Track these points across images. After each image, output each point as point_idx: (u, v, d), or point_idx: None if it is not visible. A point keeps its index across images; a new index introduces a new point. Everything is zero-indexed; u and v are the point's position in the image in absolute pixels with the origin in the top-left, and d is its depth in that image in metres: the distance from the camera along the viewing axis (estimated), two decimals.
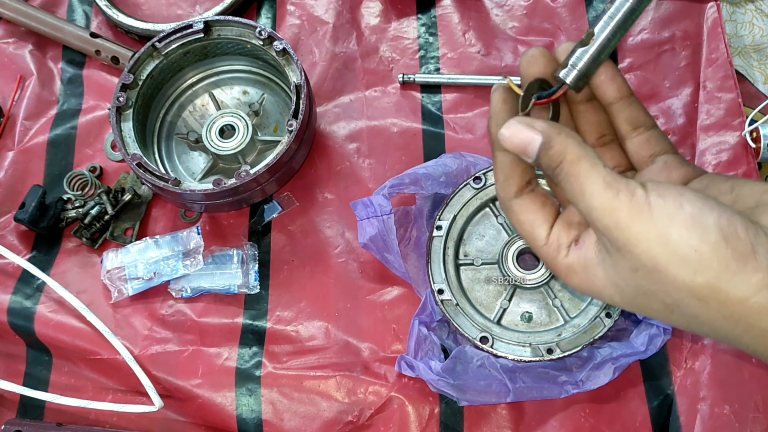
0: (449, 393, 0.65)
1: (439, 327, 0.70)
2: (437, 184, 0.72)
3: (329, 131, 0.81)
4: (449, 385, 0.64)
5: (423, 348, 0.68)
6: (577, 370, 0.65)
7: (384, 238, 0.69)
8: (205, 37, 0.76)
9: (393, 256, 0.70)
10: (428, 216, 0.74)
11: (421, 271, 0.72)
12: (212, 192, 0.69)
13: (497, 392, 0.64)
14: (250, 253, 0.75)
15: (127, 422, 0.71)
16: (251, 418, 0.69)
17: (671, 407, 0.65)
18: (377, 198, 0.71)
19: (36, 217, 0.75)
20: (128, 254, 0.75)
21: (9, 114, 0.85)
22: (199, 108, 0.82)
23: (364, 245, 0.70)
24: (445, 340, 0.69)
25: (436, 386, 0.65)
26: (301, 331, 0.72)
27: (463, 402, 0.65)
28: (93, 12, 0.91)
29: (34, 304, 0.74)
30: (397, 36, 0.85)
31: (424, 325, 0.68)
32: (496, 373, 0.64)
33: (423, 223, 0.74)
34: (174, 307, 0.74)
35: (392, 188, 0.71)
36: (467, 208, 0.72)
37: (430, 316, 0.69)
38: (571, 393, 0.64)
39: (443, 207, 0.72)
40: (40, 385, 0.73)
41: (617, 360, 0.64)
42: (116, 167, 0.81)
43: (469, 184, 0.72)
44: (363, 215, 0.70)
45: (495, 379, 0.64)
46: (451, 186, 0.72)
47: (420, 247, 0.73)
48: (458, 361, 0.65)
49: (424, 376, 0.65)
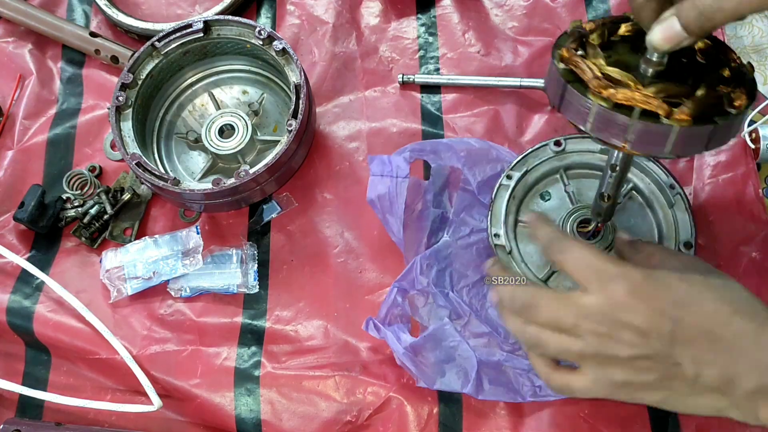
0: (410, 369, 0.65)
1: (417, 296, 0.70)
2: (456, 157, 0.72)
3: (329, 131, 0.81)
4: (412, 361, 0.65)
5: (393, 314, 0.68)
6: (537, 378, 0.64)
7: (392, 200, 0.70)
8: (204, 36, 0.76)
9: (395, 219, 0.70)
10: (437, 193, 0.74)
11: (416, 243, 0.72)
12: (211, 192, 0.69)
13: (457, 380, 0.65)
14: (250, 253, 0.75)
15: (125, 422, 0.71)
16: (250, 418, 0.69)
17: None
18: (397, 159, 0.71)
19: (35, 217, 0.75)
20: (127, 254, 0.75)
21: (8, 113, 0.85)
22: (198, 107, 0.82)
23: (370, 201, 0.71)
24: (420, 310, 0.69)
25: (400, 358, 0.66)
26: (300, 330, 0.72)
27: (420, 383, 0.65)
28: (92, 11, 0.91)
29: (33, 303, 0.74)
30: (396, 36, 0.85)
31: (402, 293, 0.69)
32: (463, 360, 0.65)
33: (430, 199, 0.74)
34: (173, 307, 0.74)
35: (413, 152, 0.72)
36: (540, 168, 0.71)
37: (411, 284, 0.69)
38: (528, 400, 0.64)
39: (518, 159, 0.71)
40: (39, 385, 0.73)
41: None
42: (115, 167, 0.81)
43: (549, 146, 0.71)
44: (377, 171, 0.71)
45: (460, 366, 0.65)
46: (470, 165, 0.72)
47: (421, 221, 0.73)
48: (431, 338, 0.65)
49: (390, 344, 0.66)
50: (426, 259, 0.70)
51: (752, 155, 0.73)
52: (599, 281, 0.50)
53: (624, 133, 0.46)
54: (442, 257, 0.71)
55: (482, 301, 0.70)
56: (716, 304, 0.48)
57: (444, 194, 0.74)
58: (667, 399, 0.50)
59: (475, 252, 0.71)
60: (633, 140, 0.46)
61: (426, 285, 0.69)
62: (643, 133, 0.45)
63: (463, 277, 0.71)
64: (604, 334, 0.49)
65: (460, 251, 0.71)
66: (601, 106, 0.46)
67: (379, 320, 0.68)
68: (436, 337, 0.65)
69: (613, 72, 0.46)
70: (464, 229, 0.72)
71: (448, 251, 0.71)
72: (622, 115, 0.45)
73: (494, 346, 0.68)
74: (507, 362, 0.65)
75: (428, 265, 0.70)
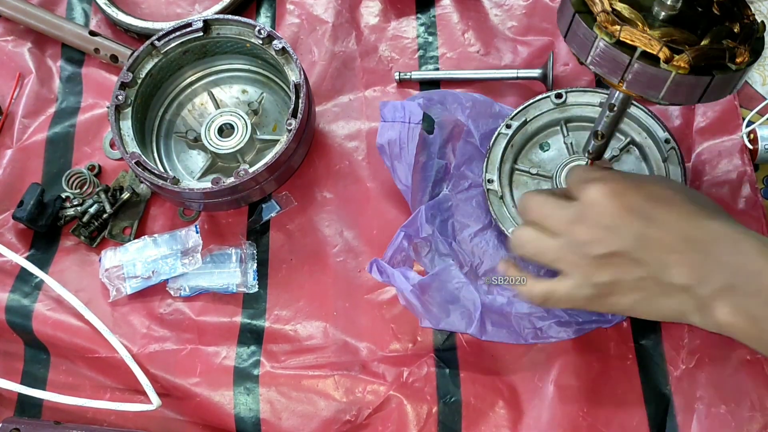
0: (416, 307, 0.65)
1: (421, 244, 0.71)
2: (462, 108, 0.73)
3: (328, 130, 0.81)
4: (419, 299, 0.65)
5: (398, 258, 0.69)
6: (540, 321, 0.66)
7: (402, 146, 0.71)
8: (204, 35, 0.76)
9: (404, 165, 0.71)
10: (441, 146, 0.75)
11: (420, 192, 0.73)
12: (211, 191, 0.69)
13: (461, 321, 0.65)
14: (249, 252, 0.75)
15: (125, 421, 0.71)
16: (249, 417, 0.69)
17: (668, 407, 0.65)
18: (411, 104, 0.72)
19: (34, 216, 0.75)
20: (126, 253, 0.75)
21: (8, 112, 0.85)
22: (198, 107, 0.82)
23: (380, 146, 0.72)
24: (423, 257, 0.71)
25: (407, 296, 0.66)
26: (299, 330, 0.72)
27: (425, 322, 0.66)
28: (92, 10, 0.91)
29: (32, 302, 0.74)
30: (396, 35, 0.85)
31: (407, 238, 0.69)
32: (467, 302, 0.66)
33: (435, 151, 0.75)
34: (172, 306, 0.74)
35: (424, 100, 0.72)
36: (540, 119, 0.73)
37: (416, 232, 0.70)
38: (529, 342, 0.66)
39: (518, 110, 0.73)
40: (38, 384, 0.72)
41: (581, 323, 0.65)
42: (115, 166, 0.81)
43: (550, 98, 0.73)
44: (389, 117, 0.72)
45: (464, 307, 0.66)
46: (474, 117, 0.73)
47: (425, 171, 0.74)
48: (437, 278, 0.66)
49: (396, 283, 0.66)
50: (430, 209, 0.71)
51: (750, 156, 0.73)
52: (581, 186, 0.54)
53: (622, 72, 0.47)
54: (444, 208, 0.72)
55: (484, 249, 0.72)
56: (693, 206, 0.51)
57: (448, 146, 0.75)
58: (637, 303, 0.52)
59: (475, 204, 0.73)
60: (629, 80, 0.47)
61: (431, 233, 0.70)
62: (640, 75, 0.46)
63: (464, 227, 0.73)
64: (579, 234, 0.52)
65: (461, 204, 0.73)
66: (604, 41, 0.46)
67: (385, 261, 0.68)
68: (442, 277, 0.66)
69: (623, 9, 0.47)
70: (464, 183, 0.74)
71: (448, 204, 0.73)
72: (623, 53, 0.46)
73: (494, 293, 0.69)
74: (508, 306, 0.66)
75: (432, 214, 0.71)
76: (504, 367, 0.69)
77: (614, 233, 0.50)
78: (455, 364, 0.69)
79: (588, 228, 0.52)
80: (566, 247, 0.53)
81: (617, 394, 0.66)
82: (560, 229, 0.54)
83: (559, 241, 0.54)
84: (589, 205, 0.52)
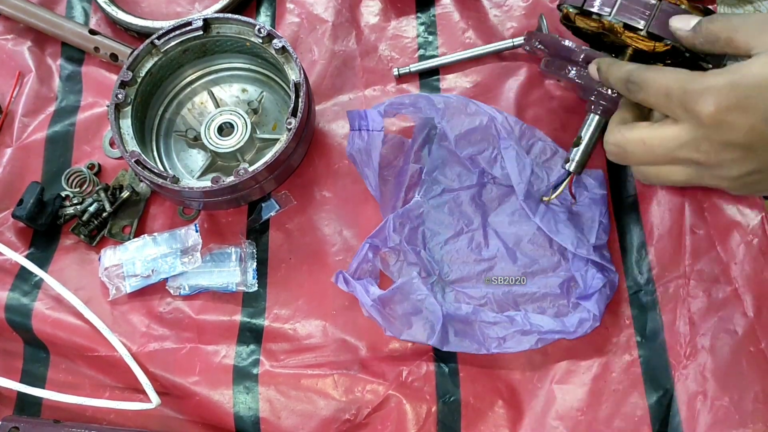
0: (378, 320, 0.66)
1: (389, 254, 0.71)
2: (434, 110, 0.72)
3: (328, 129, 0.81)
4: (379, 312, 0.66)
5: (363, 269, 0.70)
6: (503, 330, 0.66)
7: (369, 153, 0.71)
8: (204, 34, 0.76)
9: (371, 172, 0.72)
10: (418, 149, 0.75)
11: (393, 199, 0.73)
12: (210, 189, 0.69)
13: (422, 332, 0.66)
14: (248, 251, 0.75)
15: (124, 419, 0.71)
16: (248, 416, 0.69)
17: (671, 402, 0.65)
18: (372, 112, 0.73)
19: (34, 214, 0.75)
20: (126, 251, 0.75)
21: (7, 110, 0.85)
22: (197, 106, 0.82)
23: (350, 155, 0.74)
24: (391, 267, 0.71)
25: (368, 310, 0.67)
26: (298, 329, 0.72)
27: (388, 333, 0.67)
28: (92, 9, 0.91)
29: (31, 300, 0.74)
30: (396, 35, 0.85)
31: (373, 249, 0.70)
32: (429, 313, 0.66)
33: (411, 154, 0.75)
34: (172, 305, 0.74)
35: (390, 106, 0.73)
36: None
37: (383, 242, 0.70)
38: (492, 351, 0.66)
39: None
40: (38, 382, 0.72)
41: (544, 333, 0.66)
42: (114, 164, 0.81)
43: None
44: (355, 126, 0.73)
45: (426, 318, 0.66)
46: (449, 119, 0.72)
47: (401, 176, 0.74)
48: (399, 291, 0.66)
49: (358, 297, 0.67)
50: (399, 218, 0.71)
51: None
52: (683, 107, 0.46)
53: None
54: (414, 216, 0.72)
55: (455, 257, 0.72)
56: None
57: (425, 149, 0.76)
58: None
59: (447, 210, 0.73)
60: None
61: (398, 243, 0.70)
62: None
63: (435, 234, 0.73)
64: (705, 162, 0.46)
65: (432, 211, 0.73)
66: None
67: (350, 274, 0.69)
68: (404, 290, 0.66)
69: None
70: (436, 188, 0.74)
71: (419, 211, 0.73)
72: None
73: (462, 301, 0.70)
74: (474, 315, 0.66)
75: (401, 223, 0.71)
76: (503, 367, 0.69)
77: (751, 151, 0.44)
78: (455, 364, 0.69)
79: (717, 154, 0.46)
80: (696, 176, 0.48)
81: (618, 391, 0.66)
82: (681, 160, 0.48)
83: (687, 171, 0.48)
84: (709, 128, 0.45)
